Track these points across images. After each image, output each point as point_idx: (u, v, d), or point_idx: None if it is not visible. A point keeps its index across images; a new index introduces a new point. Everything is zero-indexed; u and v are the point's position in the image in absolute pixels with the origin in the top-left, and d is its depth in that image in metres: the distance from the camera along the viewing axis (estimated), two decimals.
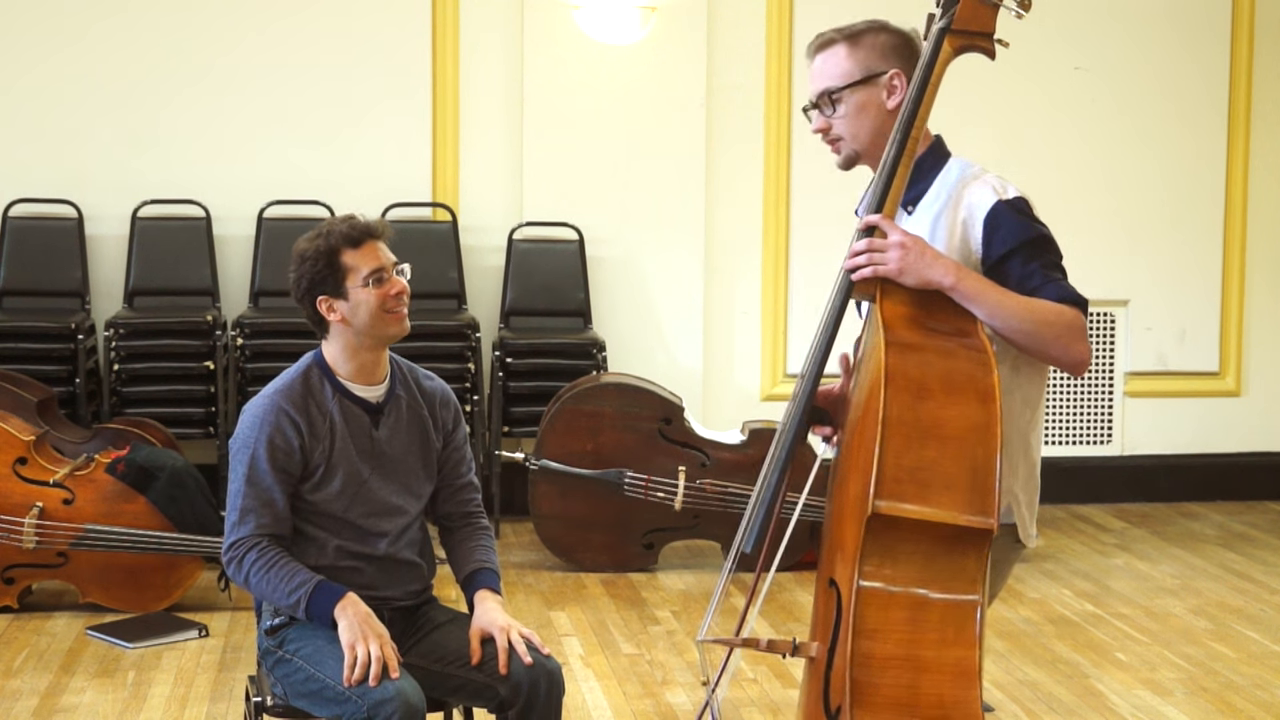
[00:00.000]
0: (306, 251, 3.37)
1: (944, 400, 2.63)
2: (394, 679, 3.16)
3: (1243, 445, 7.65)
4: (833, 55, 2.94)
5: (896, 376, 2.64)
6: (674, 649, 5.22)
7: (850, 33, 2.95)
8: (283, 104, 6.90)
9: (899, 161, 2.84)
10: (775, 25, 7.12)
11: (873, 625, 2.60)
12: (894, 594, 2.61)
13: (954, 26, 2.83)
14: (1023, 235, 2.81)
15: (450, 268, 6.89)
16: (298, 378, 3.39)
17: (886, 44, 2.93)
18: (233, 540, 3.33)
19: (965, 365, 2.67)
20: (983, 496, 2.57)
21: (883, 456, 2.59)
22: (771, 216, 7.18)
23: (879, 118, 2.92)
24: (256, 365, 6.46)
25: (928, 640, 2.59)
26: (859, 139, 2.95)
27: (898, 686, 2.58)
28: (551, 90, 7.00)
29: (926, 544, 2.60)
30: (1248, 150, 7.52)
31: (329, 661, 3.25)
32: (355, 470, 3.38)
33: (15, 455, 5.42)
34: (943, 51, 2.84)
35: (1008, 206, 2.83)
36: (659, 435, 6.17)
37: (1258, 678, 5.03)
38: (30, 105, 6.77)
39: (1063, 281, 2.79)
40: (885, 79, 2.91)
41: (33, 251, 6.68)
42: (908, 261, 2.76)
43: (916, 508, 2.58)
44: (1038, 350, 2.77)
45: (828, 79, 2.95)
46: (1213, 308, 7.57)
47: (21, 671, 4.92)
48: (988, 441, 2.59)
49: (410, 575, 3.48)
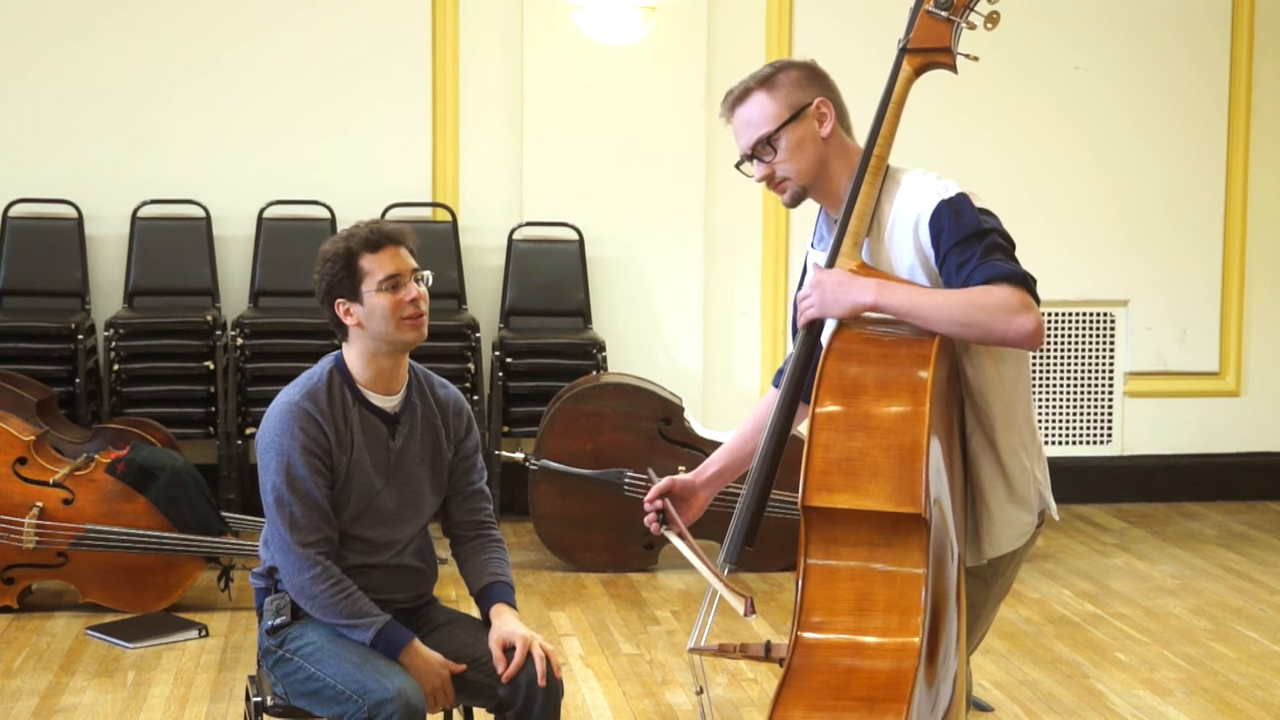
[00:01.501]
0: (328, 253, 3.37)
1: (876, 395, 2.67)
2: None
3: (1242, 445, 7.65)
4: (753, 103, 2.94)
5: (830, 376, 2.70)
6: (674, 649, 5.22)
7: (761, 78, 2.95)
8: (283, 104, 6.90)
9: (861, 183, 2.85)
10: (775, 25, 7.12)
11: (820, 612, 2.65)
12: (839, 579, 2.65)
13: (910, 45, 2.86)
14: (961, 230, 2.79)
15: (450, 268, 6.89)
16: (321, 384, 3.37)
17: (799, 78, 2.94)
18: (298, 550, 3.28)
19: (902, 366, 2.70)
20: (910, 482, 2.60)
21: (812, 450, 2.64)
22: (771, 216, 7.18)
23: (816, 148, 2.93)
24: (256, 365, 6.46)
25: (872, 623, 2.62)
26: (803, 174, 2.94)
27: (835, 671, 2.62)
28: (551, 90, 7.01)
29: (867, 533, 2.63)
30: (1248, 150, 7.52)
31: (329, 661, 3.26)
32: (369, 483, 3.38)
33: (15, 455, 5.42)
34: (903, 71, 2.86)
35: (947, 206, 2.82)
36: (659, 435, 6.17)
37: (1258, 678, 5.03)
38: (30, 105, 6.77)
39: (995, 261, 2.76)
40: (813, 109, 2.92)
41: (33, 251, 6.68)
42: (827, 296, 2.81)
43: (845, 497, 2.62)
44: (982, 336, 2.75)
45: (757, 127, 2.94)
46: (1213, 308, 7.57)
47: (21, 671, 4.92)
48: (914, 429, 2.62)
49: (414, 580, 3.50)
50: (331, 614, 3.29)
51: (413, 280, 3.35)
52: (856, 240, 2.86)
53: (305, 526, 3.29)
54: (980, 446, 2.92)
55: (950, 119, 7.03)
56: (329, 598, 3.28)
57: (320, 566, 3.29)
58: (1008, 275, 2.73)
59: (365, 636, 3.28)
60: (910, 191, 2.88)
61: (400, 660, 3.27)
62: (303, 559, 3.28)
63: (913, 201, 2.86)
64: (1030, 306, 2.73)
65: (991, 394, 2.89)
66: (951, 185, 2.86)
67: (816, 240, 3.06)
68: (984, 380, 2.88)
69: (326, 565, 3.29)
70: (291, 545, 3.29)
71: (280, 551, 3.32)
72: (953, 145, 7.05)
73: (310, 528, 3.29)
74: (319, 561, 3.29)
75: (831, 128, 2.92)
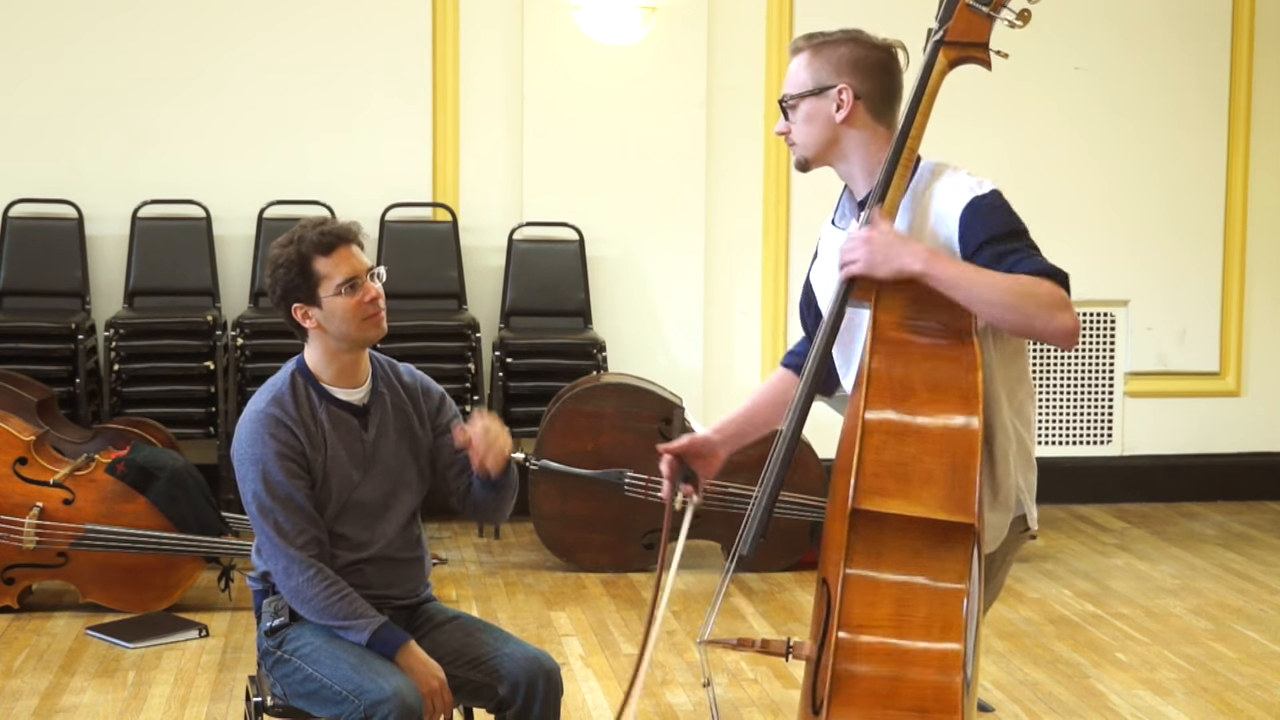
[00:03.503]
0: (279, 258, 3.35)
1: (926, 398, 2.65)
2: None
3: (1243, 445, 7.65)
4: (796, 62, 2.96)
5: (878, 376, 2.67)
6: (674, 649, 5.21)
7: (818, 41, 2.95)
8: (283, 104, 6.90)
9: (893, 172, 2.83)
10: (775, 25, 7.12)
11: (859, 617, 2.62)
12: (880, 585, 2.62)
13: (948, 38, 2.84)
14: (997, 226, 2.78)
15: (450, 268, 6.89)
16: (285, 388, 3.37)
17: (847, 57, 2.92)
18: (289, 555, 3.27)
19: (950, 365, 2.68)
20: (963, 492, 2.58)
21: (863, 454, 2.61)
22: (771, 216, 7.18)
23: (826, 129, 2.92)
24: (256, 365, 6.46)
25: (913, 633, 2.60)
26: (807, 146, 2.95)
27: (878, 679, 2.59)
28: (551, 90, 7.01)
29: (911, 539, 2.61)
30: (1248, 150, 7.52)
31: (327, 662, 3.26)
32: (346, 477, 3.37)
33: (15, 455, 5.42)
34: (937, 63, 2.85)
35: (982, 202, 2.80)
36: (659, 435, 6.17)
37: (1258, 678, 5.03)
38: (30, 105, 6.77)
39: (1039, 258, 2.74)
40: (834, 93, 2.90)
41: (33, 251, 6.68)
42: (875, 255, 2.75)
43: (897, 503, 2.59)
44: (1022, 325, 2.72)
45: (787, 85, 2.97)
46: (1213, 308, 7.57)
47: (21, 671, 4.92)
48: (968, 438, 2.61)
49: (408, 573, 3.48)
50: (327, 616, 3.28)
51: (369, 279, 3.34)
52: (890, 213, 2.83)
53: (292, 531, 3.28)
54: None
55: (950, 119, 7.01)
56: (324, 600, 3.27)
57: (314, 569, 3.28)
58: (1052, 272, 2.71)
59: (361, 638, 3.27)
60: (945, 187, 2.86)
61: (396, 661, 3.26)
62: (295, 563, 3.27)
63: (947, 197, 2.84)
64: (1071, 306, 2.71)
65: (992, 395, 2.87)
66: (987, 183, 2.85)
67: (838, 217, 3.03)
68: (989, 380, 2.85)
69: (320, 568, 3.28)
70: (282, 551, 3.28)
71: (272, 558, 3.31)
72: (953, 145, 6.98)
73: (297, 531, 3.28)
74: (311, 564, 3.28)
75: (848, 115, 2.90)
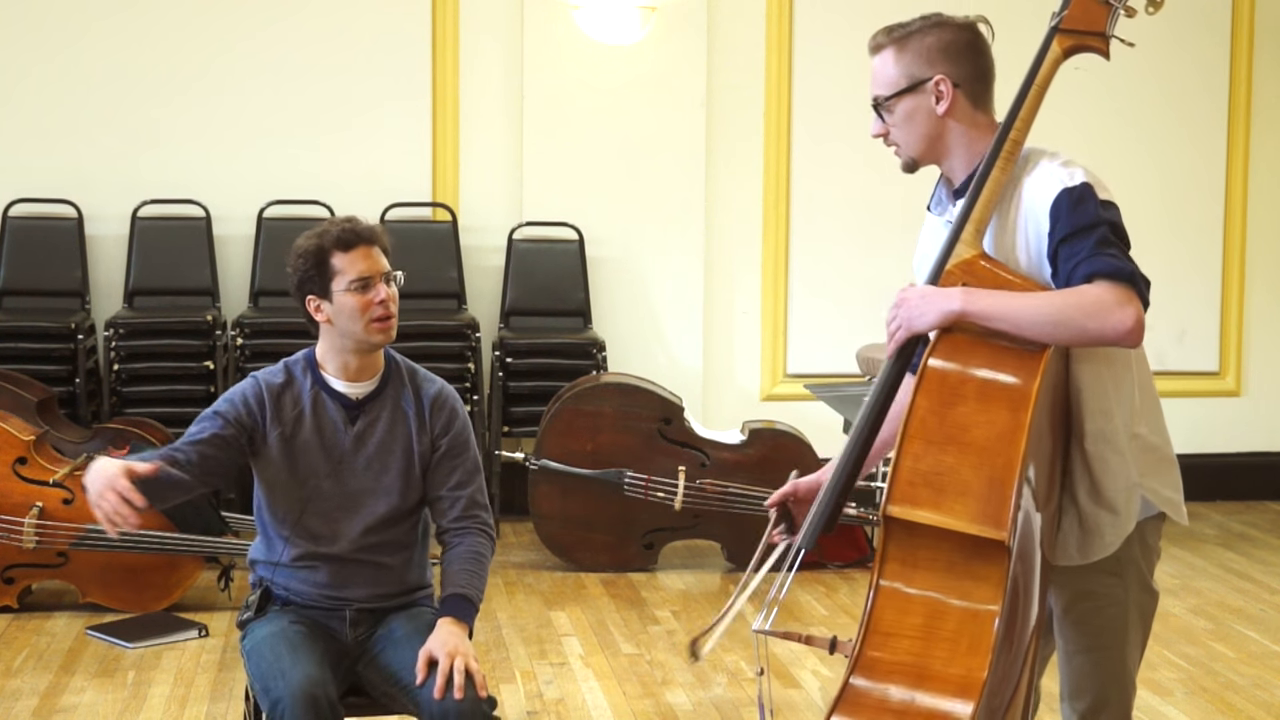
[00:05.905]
0: (301, 248, 3.40)
1: (975, 407, 2.54)
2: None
3: (1242, 445, 7.65)
4: (881, 60, 2.85)
5: (931, 378, 2.57)
6: (674, 649, 5.21)
7: (900, 35, 2.84)
8: (283, 104, 6.90)
9: (993, 165, 2.72)
10: (775, 25, 7.12)
11: (887, 627, 2.54)
12: (911, 597, 2.53)
13: (1063, 25, 2.74)
14: (1075, 222, 2.67)
15: (450, 268, 6.89)
16: (282, 366, 3.47)
17: (934, 46, 2.81)
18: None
19: (1007, 373, 2.56)
20: (998, 506, 2.47)
21: (900, 459, 2.52)
22: (771, 216, 7.18)
23: (929, 124, 2.81)
24: (256, 365, 6.41)
25: (938, 649, 2.51)
26: (912, 146, 2.84)
27: (890, 698, 2.50)
28: (551, 90, 7.01)
29: (946, 551, 2.51)
30: (1248, 150, 7.52)
31: (254, 657, 3.32)
32: (313, 463, 3.37)
33: (15, 455, 5.42)
34: (1051, 51, 2.75)
35: (1068, 195, 2.70)
36: (659, 435, 6.17)
37: (1258, 678, 5.03)
38: (30, 105, 6.77)
39: (1102, 256, 2.62)
40: (931, 85, 2.80)
41: (33, 251, 6.68)
42: (912, 312, 2.66)
43: (928, 513, 2.50)
44: (1079, 337, 2.61)
45: (877, 85, 2.86)
46: (1212, 307, 7.57)
47: (21, 671, 4.92)
48: (1009, 451, 2.49)
49: (376, 577, 3.43)
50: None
51: (382, 281, 3.36)
52: (979, 228, 2.73)
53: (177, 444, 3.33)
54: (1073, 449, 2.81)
55: None
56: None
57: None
58: (1112, 271, 2.60)
59: None
60: (1038, 176, 2.75)
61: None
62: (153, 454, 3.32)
63: (1039, 188, 2.73)
64: (1130, 301, 2.58)
65: (1085, 399, 2.77)
66: (1078, 173, 2.74)
67: (934, 204, 2.93)
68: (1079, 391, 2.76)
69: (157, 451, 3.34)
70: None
71: None
72: None
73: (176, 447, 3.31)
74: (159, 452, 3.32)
75: (949, 106, 2.80)
